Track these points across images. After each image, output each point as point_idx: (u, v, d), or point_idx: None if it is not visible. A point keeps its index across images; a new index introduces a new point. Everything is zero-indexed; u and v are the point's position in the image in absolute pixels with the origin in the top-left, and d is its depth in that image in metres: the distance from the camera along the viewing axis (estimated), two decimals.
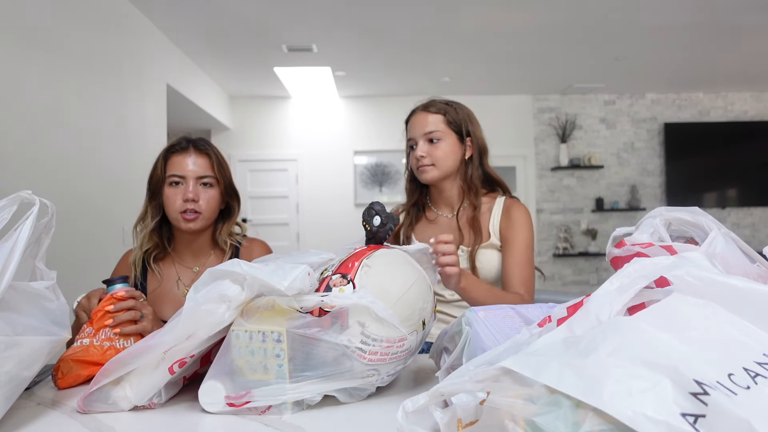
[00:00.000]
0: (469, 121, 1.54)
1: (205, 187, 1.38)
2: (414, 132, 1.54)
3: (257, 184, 6.57)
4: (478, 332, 0.82)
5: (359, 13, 4.00)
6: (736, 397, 0.44)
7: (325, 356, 0.81)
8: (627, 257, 0.80)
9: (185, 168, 1.37)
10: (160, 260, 1.46)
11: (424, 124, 1.51)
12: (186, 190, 1.35)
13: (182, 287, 1.43)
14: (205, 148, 1.41)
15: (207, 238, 1.47)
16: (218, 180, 1.40)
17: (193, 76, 5.07)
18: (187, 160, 1.37)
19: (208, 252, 1.47)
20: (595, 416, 0.44)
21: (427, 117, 1.52)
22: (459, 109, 1.54)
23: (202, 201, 1.37)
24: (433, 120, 1.51)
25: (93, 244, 3.06)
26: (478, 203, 1.52)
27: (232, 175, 1.47)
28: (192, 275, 1.45)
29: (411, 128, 1.56)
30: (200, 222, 1.38)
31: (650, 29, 4.44)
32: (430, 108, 1.53)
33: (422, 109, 1.55)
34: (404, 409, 0.56)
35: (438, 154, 1.49)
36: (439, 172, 1.51)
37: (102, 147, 3.29)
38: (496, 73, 5.67)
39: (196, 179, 1.37)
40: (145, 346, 0.82)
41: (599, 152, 6.62)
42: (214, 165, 1.39)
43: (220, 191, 1.41)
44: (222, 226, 1.47)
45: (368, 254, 0.92)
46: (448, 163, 1.51)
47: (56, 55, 2.82)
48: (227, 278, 0.82)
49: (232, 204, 1.47)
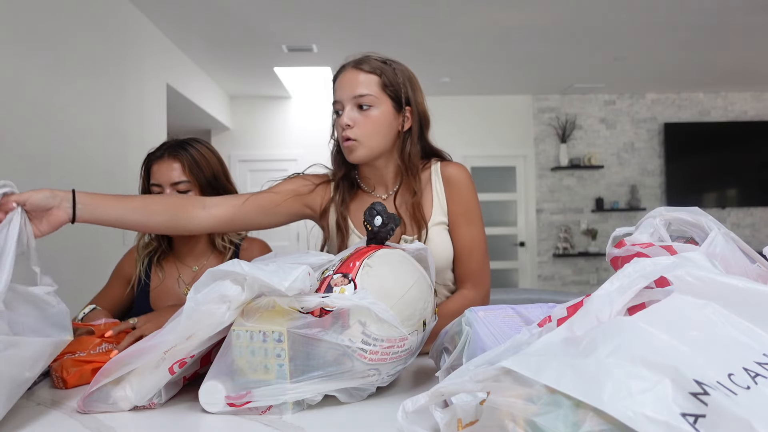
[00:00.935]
0: (409, 86, 1.29)
1: (181, 194, 1.38)
2: (341, 93, 1.27)
3: (257, 184, 6.51)
4: (478, 332, 0.82)
5: (359, 13, 4.00)
6: (736, 397, 0.44)
7: (326, 356, 0.81)
8: (627, 257, 0.80)
9: (161, 176, 1.38)
10: (163, 259, 1.50)
11: (354, 85, 1.25)
12: None
13: (183, 285, 1.45)
14: (176, 152, 1.39)
15: (203, 238, 1.48)
16: (193, 182, 1.38)
17: (193, 76, 5.07)
18: (162, 168, 1.38)
19: (206, 252, 1.49)
20: (595, 416, 0.44)
21: (359, 76, 1.26)
22: (399, 70, 1.29)
23: None
24: (366, 80, 1.25)
25: (93, 244, 3.06)
26: (418, 186, 1.29)
27: (219, 172, 1.44)
28: (192, 274, 1.47)
29: (338, 89, 1.29)
30: None
31: (650, 29, 4.44)
32: (362, 65, 1.27)
33: (353, 66, 1.28)
34: (404, 409, 0.56)
35: (368, 127, 1.24)
36: (368, 151, 1.25)
37: (102, 147, 3.29)
38: (496, 73, 5.67)
39: (172, 186, 1.37)
40: (146, 346, 0.82)
41: (599, 152, 6.63)
42: (186, 168, 1.38)
43: (198, 193, 1.39)
44: None
45: (369, 254, 0.92)
46: (378, 139, 1.25)
47: (56, 55, 2.82)
48: (228, 278, 0.82)
49: None
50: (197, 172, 1.39)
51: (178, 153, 1.40)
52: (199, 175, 1.40)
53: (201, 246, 1.48)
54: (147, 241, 1.49)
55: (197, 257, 1.48)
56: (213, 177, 1.43)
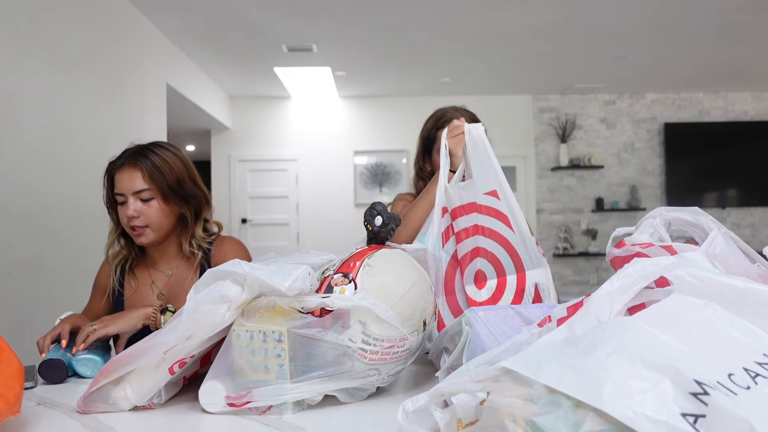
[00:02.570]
0: None
1: (145, 202, 1.34)
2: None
3: (257, 184, 6.57)
4: (478, 332, 0.82)
5: (359, 13, 4.00)
6: (737, 397, 0.44)
7: (326, 356, 0.81)
8: (627, 257, 0.80)
9: (122, 185, 1.34)
10: (135, 266, 1.48)
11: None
12: (127, 208, 1.33)
13: (156, 290, 1.43)
14: (136, 159, 1.34)
15: (173, 242, 1.44)
16: (155, 189, 1.34)
17: (193, 76, 5.07)
18: (123, 177, 1.34)
19: (177, 255, 1.45)
20: (595, 416, 0.44)
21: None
22: None
23: (143, 215, 1.34)
24: None
25: (93, 244, 3.05)
26: None
27: (184, 177, 1.38)
28: (165, 279, 1.44)
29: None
30: (150, 235, 1.36)
31: (650, 29, 4.44)
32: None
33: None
34: (404, 409, 0.56)
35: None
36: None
37: (102, 147, 3.29)
38: (496, 73, 5.67)
39: (134, 194, 1.33)
40: (146, 346, 0.82)
41: (599, 152, 6.62)
42: (147, 175, 1.33)
43: (161, 200, 1.35)
44: (182, 232, 1.42)
45: (370, 254, 0.92)
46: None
47: (56, 55, 2.82)
48: (228, 279, 0.82)
49: (187, 210, 1.40)
50: (159, 179, 1.34)
51: (138, 160, 1.34)
52: (161, 182, 1.34)
53: (172, 250, 1.44)
54: (117, 250, 1.46)
55: (169, 261, 1.45)
56: (177, 183, 1.36)
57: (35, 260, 2.61)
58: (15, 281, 2.46)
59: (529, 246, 1.21)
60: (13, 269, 2.46)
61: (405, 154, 6.53)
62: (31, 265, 2.59)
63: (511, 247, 1.21)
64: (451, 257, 1.24)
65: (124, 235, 1.44)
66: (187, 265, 1.44)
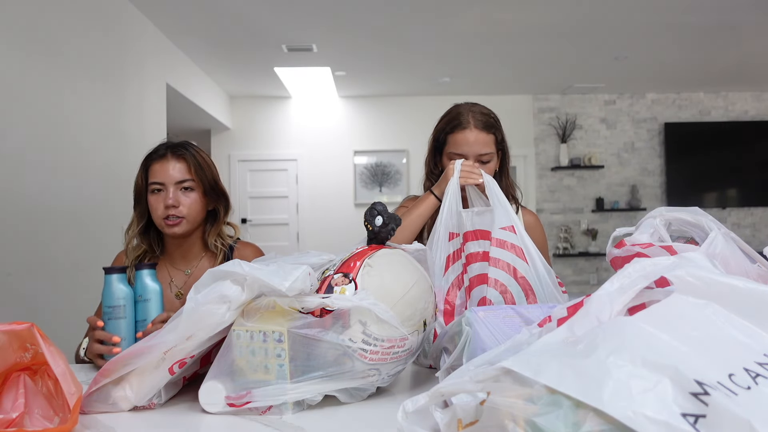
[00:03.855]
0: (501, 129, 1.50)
1: (185, 192, 1.39)
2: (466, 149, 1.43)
3: (257, 184, 6.57)
4: (478, 332, 0.82)
5: (359, 13, 4.00)
6: (737, 397, 0.44)
7: (326, 356, 0.81)
8: (627, 257, 0.80)
9: (164, 175, 1.38)
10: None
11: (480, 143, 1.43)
12: (166, 197, 1.37)
13: (175, 289, 1.44)
14: (181, 152, 1.41)
15: (197, 240, 1.47)
16: (198, 183, 1.40)
17: (193, 76, 5.07)
18: (166, 167, 1.38)
19: (199, 255, 1.47)
20: (595, 416, 0.44)
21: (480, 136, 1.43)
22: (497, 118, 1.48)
23: (183, 206, 1.38)
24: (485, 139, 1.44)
25: (93, 244, 3.06)
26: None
27: (217, 177, 1.46)
28: (184, 278, 1.45)
29: (463, 144, 1.44)
30: (184, 226, 1.39)
31: (650, 29, 4.44)
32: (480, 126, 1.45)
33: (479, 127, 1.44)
34: (404, 409, 0.56)
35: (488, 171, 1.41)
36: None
37: (102, 146, 3.29)
38: (496, 73, 5.67)
39: (176, 184, 1.38)
40: (146, 347, 0.82)
41: (599, 152, 6.62)
42: (192, 168, 1.40)
43: (201, 194, 1.41)
44: (210, 228, 1.47)
45: (370, 254, 0.92)
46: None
47: (56, 54, 2.83)
48: (228, 279, 0.82)
49: (218, 206, 1.46)
50: (202, 175, 1.41)
51: (183, 153, 1.41)
52: (203, 177, 1.41)
53: (195, 249, 1.47)
54: (136, 244, 1.45)
55: (190, 260, 1.47)
56: (214, 181, 1.44)
57: (35, 260, 2.61)
58: (15, 281, 2.46)
59: (543, 281, 1.21)
60: (13, 269, 2.46)
61: (405, 154, 6.53)
62: (31, 265, 2.59)
63: (524, 279, 1.21)
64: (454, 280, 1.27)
65: (145, 230, 1.45)
66: (208, 266, 1.45)
